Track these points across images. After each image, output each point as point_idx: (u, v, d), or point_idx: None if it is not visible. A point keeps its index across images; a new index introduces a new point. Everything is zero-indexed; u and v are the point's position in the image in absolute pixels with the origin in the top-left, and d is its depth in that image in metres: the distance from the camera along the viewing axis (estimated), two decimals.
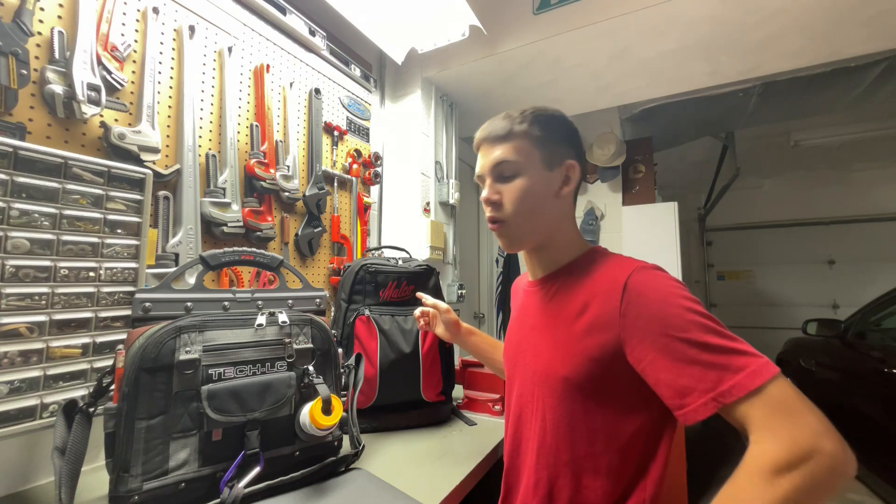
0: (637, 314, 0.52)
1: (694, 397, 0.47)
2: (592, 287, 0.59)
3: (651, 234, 2.61)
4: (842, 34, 1.57)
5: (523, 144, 0.64)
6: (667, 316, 0.50)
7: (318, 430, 0.70)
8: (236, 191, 1.12)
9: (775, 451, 0.41)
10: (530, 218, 0.65)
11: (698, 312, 0.50)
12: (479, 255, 3.01)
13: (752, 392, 0.44)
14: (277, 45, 1.31)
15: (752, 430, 0.44)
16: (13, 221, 0.65)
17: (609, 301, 0.55)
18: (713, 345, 0.47)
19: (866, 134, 3.59)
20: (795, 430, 0.42)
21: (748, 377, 0.44)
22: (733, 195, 4.28)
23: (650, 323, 0.51)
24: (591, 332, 0.57)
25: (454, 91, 2.03)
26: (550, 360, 0.61)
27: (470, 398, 1.19)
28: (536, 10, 1.59)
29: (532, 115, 0.65)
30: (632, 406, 0.56)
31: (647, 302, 0.52)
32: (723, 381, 0.45)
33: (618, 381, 0.55)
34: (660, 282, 0.54)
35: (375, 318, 1.02)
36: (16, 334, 0.66)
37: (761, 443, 0.43)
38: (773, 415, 0.43)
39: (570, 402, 0.59)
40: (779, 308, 4.64)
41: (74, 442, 0.58)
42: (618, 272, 0.57)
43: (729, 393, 0.45)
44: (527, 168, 0.64)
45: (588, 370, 0.56)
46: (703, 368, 0.47)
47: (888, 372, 2.03)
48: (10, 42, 0.73)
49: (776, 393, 0.44)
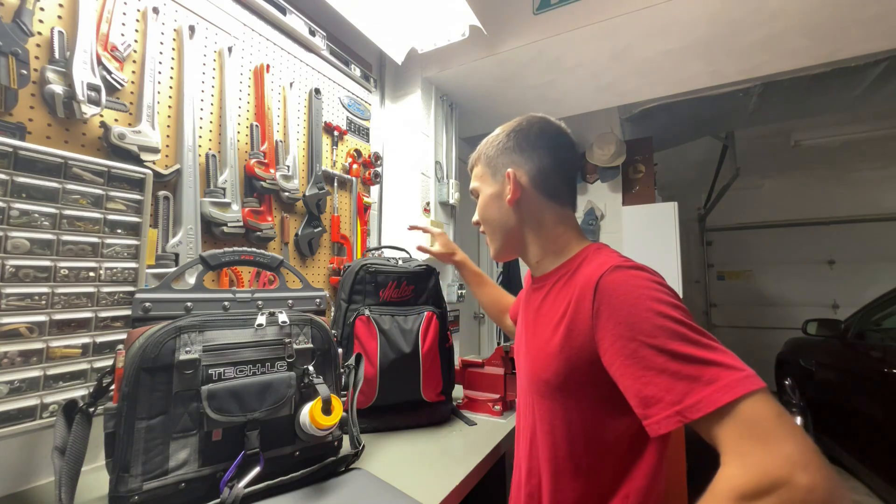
0: (607, 316, 0.51)
1: (658, 409, 0.44)
2: (573, 289, 0.58)
3: (651, 234, 2.61)
4: (842, 34, 1.57)
5: (480, 169, 0.74)
6: (635, 320, 0.48)
7: (318, 430, 0.70)
8: (236, 191, 1.12)
9: (740, 479, 0.38)
10: (492, 227, 0.73)
11: (671, 317, 0.46)
12: (479, 255, 3.01)
13: (720, 409, 0.40)
14: (277, 45, 1.31)
15: (722, 452, 0.41)
16: (13, 221, 0.65)
17: (583, 303, 0.54)
18: (683, 354, 0.44)
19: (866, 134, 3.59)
20: (767, 457, 0.37)
21: (717, 392, 0.40)
22: (733, 195, 4.27)
23: (618, 326, 0.49)
24: (568, 335, 0.56)
25: (454, 91, 2.03)
26: (535, 362, 0.63)
27: (470, 398, 1.19)
28: (536, 10, 1.59)
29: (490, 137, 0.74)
30: (613, 408, 0.54)
31: (617, 304, 0.50)
32: (690, 394, 0.42)
33: (597, 385, 0.54)
34: (632, 282, 0.51)
35: (375, 318, 1.02)
36: (16, 334, 0.66)
37: (728, 467, 0.40)
38: (744, 438, 0.39)
39: (551, 403, 0.60)
40: (779, 308, 4.64)
41: (74, 442, 0.58)
42: (595, 271, 0.55)
43: (695, 408, 0.41)
44: (482, 187, 0.74)
45: (566, 373, 0.56)
46: (671, 379, 0.43)
47: (888, 372, 2.03)
48: (10, 42, 0.73)
49: (749, 413, 0.39)
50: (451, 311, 1.92)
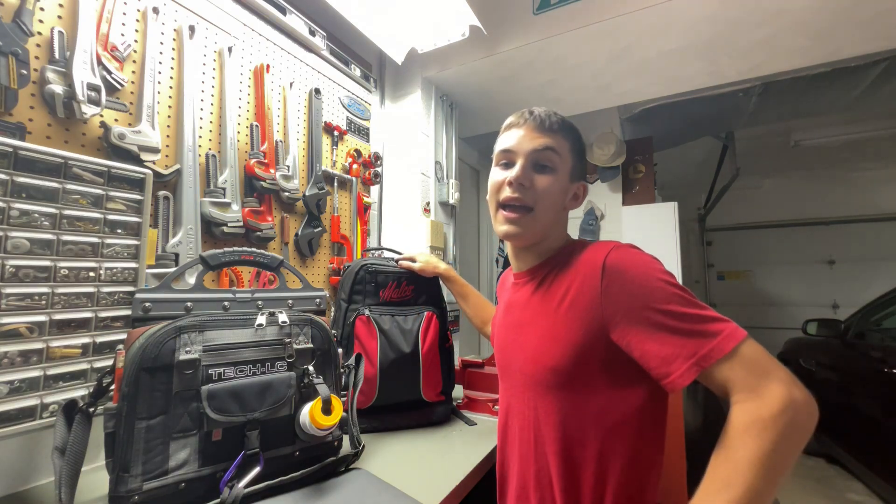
0: (619, 290, 0.55)
1: (678, 364, 0.50)
2: (573, 273, 0.61)
3: (651, 234, 2.61)
4: (842, 34, 1.57)
5: (565, 147, 0.67)
6: (648, 290, 0.53)
7: (318, 430, 0.70)
8: (236, 191, 1.12)
9: (758, 408, 0.45)
10: (548, 215, 0.67)
11: (675, 285, 0.53)
12: (479, 255, 3.01)
13: (728, 354, 0.48)
14: (277, 45, 1.31)
15: (733, 391, 0.48)
16: (13, 221, 0.65)
17: (589, 282, 0.57)
18: (691, 314, 0.51)
19: (866, 134, 3.59)
20: (772, 385, 0.46)
21: (724, 340, 0.48)
22: (733, 195, 4.28)
23: (633, 297, 0.54)
24: (574, 316, 0.58)
25: (454, 91, 2.03)
26: (536, 352, 0.63)
27: (470, 398, 1.19)
28: (536, 10, 1.59)
29: (572, 126, 0.69)
30: (620, 386, 0.58)
31: (629, 277, 0.55)
32: (702, 346, 0.49)
33: (604, 362, 0.57)
34: (637, 258, 0.57)
35: (375, 318, 1.02)
36: (16, 334, 0.66)
37: (744, 402, 0.47)
38: (749, 374, 0.47)
39: (557, 393, 0.60)
40: (779, 308, 4.65)
41: (74, 442, 0.58)
42: (596, 254, 0.59)
43: (709, 356, 0.48)
44: (560, 170, 0.66)
45: (573, 355, 0.58)
46: (684, 336, 0.50)
47: (888, 372, 2.03)
48: (10, 42, 0.73)
49: (749, 353, 0.48)
50: (451, 311, 1.92)
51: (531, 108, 0.68)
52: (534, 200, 0.65)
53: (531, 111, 0.67)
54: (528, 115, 0.67)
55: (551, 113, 0.67)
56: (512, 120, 0.69)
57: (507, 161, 0.68)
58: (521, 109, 0.69)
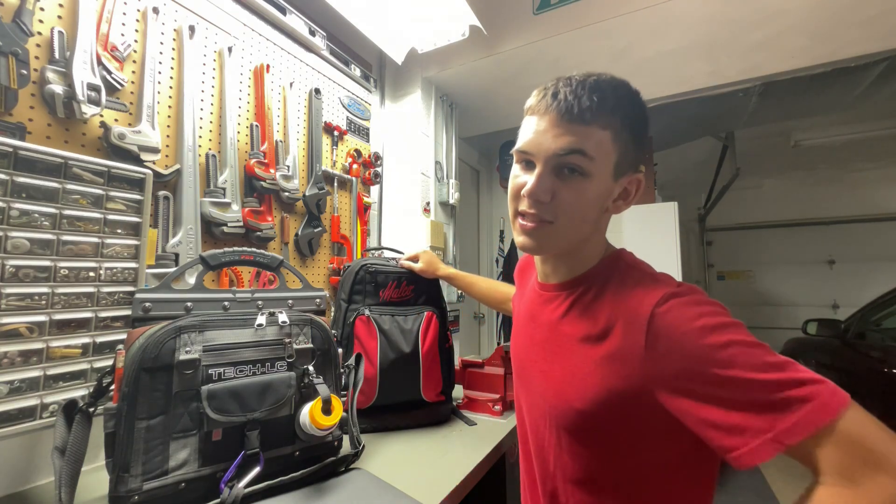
0: (668, 349, 0.44)
1: (748, 438, 0.38)
2: (614, 310, 0.50)
3: (651, 234, 2.61)
4: (842, 34, 1.57)
5: (605, 139, 0.49)
6: (704, 350, 0.42)
7: (318, 430, 0.70)
8: (236, 191, 1.12)
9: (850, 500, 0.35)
10: (577, 228, 0.53)
11: (742, 342, 0.41)
12: (479, 255, 3.01)
13: (820, 430, 0.36)
14: (277, 45, 1.31)
15: (822, 472, 0.37)
16: (13, 221, 0.65)
17: (632, 332, 0.46)
18: (765, 381, 0.39)
19: (866, 134, 3.59)
20: (880, 477, 0.34)
21: (815, 412, 0.36)
22: (733, 195, 4.28)
23: (685, 360, 0.43)
24: (610, 363, 0.48)
25: (454, 91, 2.03)
26: (562, 388, 0.53)
27: (470, 398, 1.19)
28: (536, 10, 1.59)
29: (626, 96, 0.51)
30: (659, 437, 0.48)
31: (679, 336, 0.43)
32: (783, 418, 0.37)
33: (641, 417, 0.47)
34: (693, 310, 0.45)
35: (375, 318, 1.02)
36: (16, 334, 0.66)
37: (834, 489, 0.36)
38: (849, 457, 0.36)
39: (584, 434, 0.51)
40: (779, 308, 4.65)
41: (74, 442, 0.58)
42: (643, 299, 0.47)
43: (792, 432, 0.37)
44: (597, 172, 0.50)
45: (605, 405, 0.48)
46: (757, 408, 0.39)
47: (888, 372, 2.03)
48: (10, 42, 0.73)
49: (850, 429, 0.36)
50: (451, 311, 1.92)
51: (557, 86, 0.50)
52: (554, 214, 0.51)
53: (555, 92, 0.50)
54: (551, 98, 0.50)
55: (586, 89, 0.49)
56: (532, 102, 0.53)
57: (527, 161, 0.54)
58: (547, 83, 0.52)
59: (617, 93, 0.50)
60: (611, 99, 0.49)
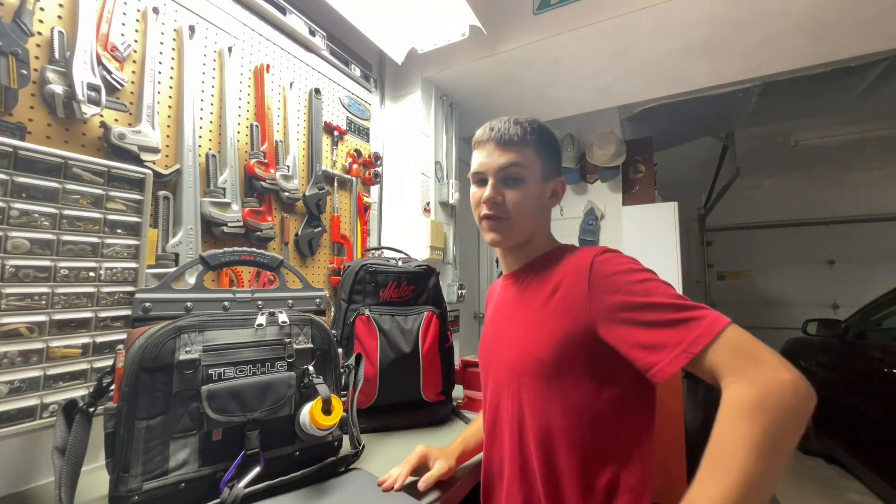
0: (605, 288, 0.58)
1: (665, 353, 0.51)
2: (562, 272, 0.65)
3: (651, 234, 2.61)
4: (842, 34, 1.57)
5: (530, 155, 0.69)
6: (630, 286, 0.56)
7: (318, 430, 0.69)
8: (236, 191, 1.12)
9: (747, 391, 0.45)
10: (526, 221, 0.70)
11: (656, 279, 0.57)
12: (479, 255, 3.01)
13: (714, 338, 0.48)
14: (277, 45, 1.31)
15: (722, 375, 0.48)
16: (13, 221, 0.65)
17: (577, 281, 0.61)
18: (674, 304, 0.53)
19: (866, 134, 3.59)
20: (760, 367, 0.46)
21: (709, 326, 0.49)
22: (733, 195, 4.28)
23: (616, 294, 0.57)
24: (562, 311, 0.62)
25: (454, 91, 2.03)
26: (524, 343, 0.65)
27: (470, 398, 1.19)
28: (536, 10, 1.59)
29: (539, 127, 0.71)
30: (605, 379, 0.60)
31: (612, 276, 0.58)
32: (689, 332, 0.50)
33: (590, 356, 0.59)
34: (621, 259, 0.61)
35: (375, 318, 1.02)
36: (16, 334, 0.66)
37: (733, 386, 0.47)
38: (737, 357, 0.48)
39: (544, 380, 0.62)
40: (779, 308, 4.64)
41: (74, 442, 0.58)
42: (584, 256, 0.63)
43: (696, 342, 0.49)
44: (529, 177, 0.69)
45: (561, 347, 0.60)
46: (671, 326, 0.52)
47: (888, 372, 2.03)
48: (10, 42, 0.73)
49: (734, 336, 0.49)
50: (451, 311, 1.93)
51: (492, 123, 0.71)
52: (508, 212, 0.69)
53: (492, 126, 0.70)
54: (489, 131, 0.70)
55: (512, 123, 0.69)
56: (478, 137, 0.72)
57: (481, 180, 0.72)
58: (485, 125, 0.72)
59: (531, 125, 0.70)
60: (528, 129, 0.70)
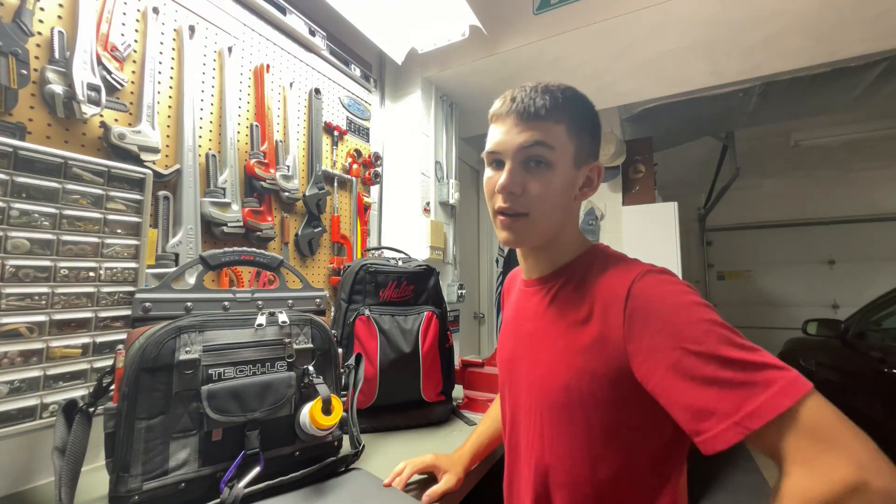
0: (643, 325, 0.46)
1: (714, 422, 0.39)
2: (594, 293, 0.53)
3: (651, 234, 2.61)
4: (842, 34, 1.57)
5: (561, 132, 0.55)
6: (677, 326, 0.44)
7: (318, 430, 0.70)
8: (236, 191, 1.12)
9: (812, 488, 0.35)
10: (550, 217, 0.57)
11: (713, 321, 0.43)
12: (479, 255, 3.01)
13: (782, 415, 0.37)
14: (277, 45, 1.31)
15: (786, 462, 0.38)
16: (13, 221, 0.65)
17: (612, 310, 0.49)
18: (733, 359, 0.40)
19: (866, 134, 3.59)
20: (838, 462, 0.35)
21: (776, 397, 0.37)
22: (733, 195, 4.28)
23: (658, 335, 0.44)
24: (593, 344, 0.51)
25: (454, 91, 2.03)
26: (549, 373, 0.56)
27: (470, 398, 1.19)
28: (536, 10, 1.59)
29: (573, 97, 0.57)
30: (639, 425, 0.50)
31: (655, 310, 0.46)
32: (748, 401, 0.38)
33: (624, 399, 0.49)
34: (667, 287, 0.47)
35: (375, 318, 1.02)
36: (16, 334, 0.66)
37: (795, 477, 0.37)
38: (809, 443, 0.37)
39: (569, 419, 0.53)
40: (779, 308, 4.64)
41: (74, 442, 0.58)
42: (622, 278, 0.51)
43: (756, 416, 0.38)
44: (559, 161, 0.55)
45: (590, 385, 0.50)
46: (723, 388, 0.40)
47: (888, 372, 2.03)
48: (10, 42, 0.73)
49: (811, 415, 0.37)
50: (451, 311, 1.93)
51: (514, 92, 0.57)
52: (527, 206, 0.55)
53: (514, 96, 0.56)
54: (510, 101, 0.56)
55: (538, 92, 0.55)
56: (495, 108, 0.59)
57: (497, 161, 0.58)
58: (505, 94, 0.58)
59: (565, 94, 0.56)
60: (560, 98, 0.55)
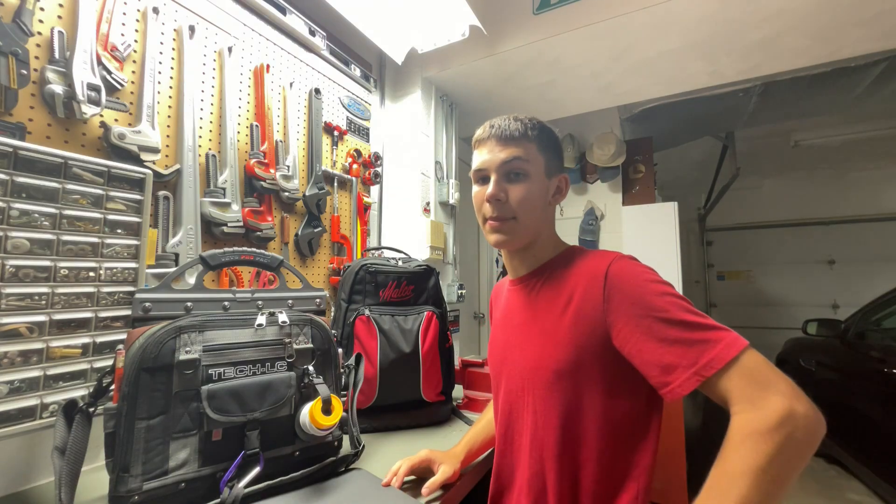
0: (620, 299, 0.57)
1: (678, 373, 0.50)
2: (575, 279, 0.63)
3: (651, 234, 2.61)
4: (842, 34, 1.57)
5: (533, 149, 0.68)
6: (647, 299, 0.55)
7: (318, 430, 0.70)
8: (236, 191, 1.12)
9: (756, 419, 0.45)
10: (531, 218, 0.68)
11: (675, 294, 0.55)
12: (479, 255, 3.01)
13: (728, 363, 0.48)
14: (277, 45, 1.31)
15: (733, 402, 0.48)
16: (13, 221, 0.65)
17: (592, 289, 0.60)
18: (691, 322, 0.51)
19: (866, 134, 3.59)
20: (772, 397, 0.46)
21: (724, 349, 0.48)
22: (733, 195, 4.27)
23: (633, 306, 0.55)
24: (577, 321, 0.60)
25: (454, 91, 2.03)
26: (539, 353, 0.64)
27: (470, 398, 1.19)
28: (536, 10, 1.59)
29: (539, 124, 0.70)
30: (620, 391, 0.59)
31: (628, 287, 0.57)
32: (703, 355, 0.49)
33: (605, 367, 0.59)
34: (637, 269, 0.59)
35: (375, 318, 1.02)
36: (16, 334, 0.66)
37: (742, 413, 0.46)
38: (750, 384, 0.47)
39: (560, 392, 0.61)
40: (779, 308, 4.64)
41: (74, 442, 0.58)
42: (598, 263, 0.61)
43: (709, 366, 0.48)
44: (534, 172, 0.68)
45: (577, 358, 0.60)
46: (685, 345, 0.51)
47: (888, 372, 2.03)
48: (10, 42, 0.73)
49: (750, 363, 0.48)
50: (451, 311, 1.93)
51: (492, 121, 0.70)
52: (513, 211, 0.67)
53: (492, 124, 0.69)
54: (489, 128, 0.69)
55: (512, 120, 0.69)
56: (478, 135, 0.71)
57: (483, 177, 0.70)
58: (484, 123, 0.71)
59: (532, 122, 0.69)
60: (528, 125, 0.69)
